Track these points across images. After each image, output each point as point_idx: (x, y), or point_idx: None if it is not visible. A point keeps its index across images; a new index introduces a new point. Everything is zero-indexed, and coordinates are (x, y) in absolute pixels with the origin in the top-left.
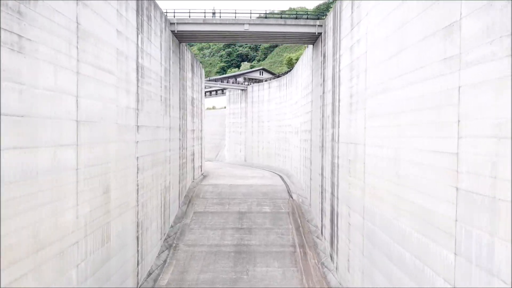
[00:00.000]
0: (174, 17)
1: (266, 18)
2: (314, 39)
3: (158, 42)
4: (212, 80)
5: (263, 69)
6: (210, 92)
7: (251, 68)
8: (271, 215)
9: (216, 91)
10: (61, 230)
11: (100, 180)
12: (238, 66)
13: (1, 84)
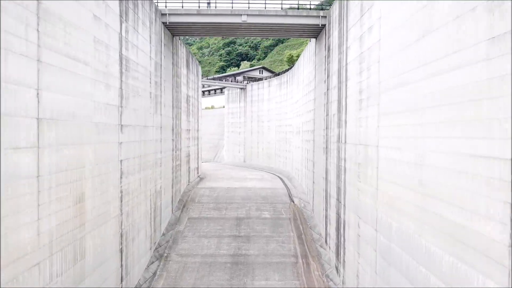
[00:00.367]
0: (166, 7)
1: (266, 9)
2: (318, 32)
3: (147, 34)
4: (210, 79)
5: (263, 68)
6: (209, 91)
7: (251, 67)
8: (271, 221)
9: (215, 90)
10: (15, 251)
11: (72, 188)
12: (238, 65)
13: None
